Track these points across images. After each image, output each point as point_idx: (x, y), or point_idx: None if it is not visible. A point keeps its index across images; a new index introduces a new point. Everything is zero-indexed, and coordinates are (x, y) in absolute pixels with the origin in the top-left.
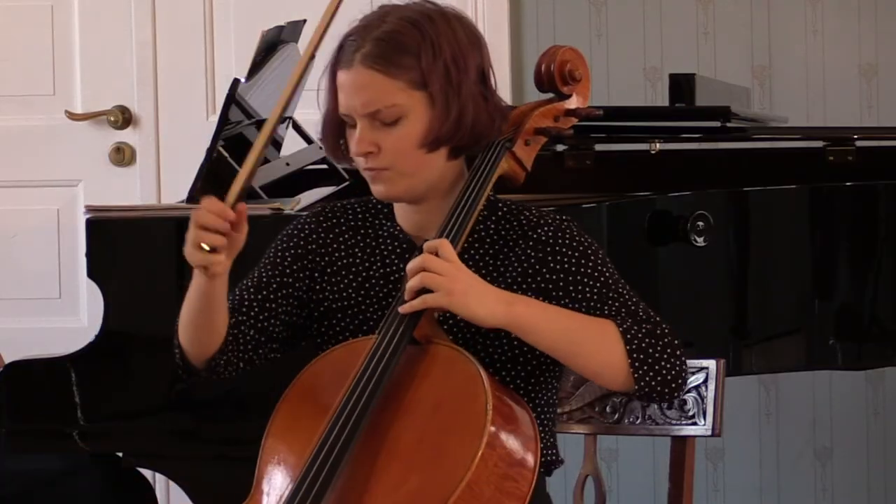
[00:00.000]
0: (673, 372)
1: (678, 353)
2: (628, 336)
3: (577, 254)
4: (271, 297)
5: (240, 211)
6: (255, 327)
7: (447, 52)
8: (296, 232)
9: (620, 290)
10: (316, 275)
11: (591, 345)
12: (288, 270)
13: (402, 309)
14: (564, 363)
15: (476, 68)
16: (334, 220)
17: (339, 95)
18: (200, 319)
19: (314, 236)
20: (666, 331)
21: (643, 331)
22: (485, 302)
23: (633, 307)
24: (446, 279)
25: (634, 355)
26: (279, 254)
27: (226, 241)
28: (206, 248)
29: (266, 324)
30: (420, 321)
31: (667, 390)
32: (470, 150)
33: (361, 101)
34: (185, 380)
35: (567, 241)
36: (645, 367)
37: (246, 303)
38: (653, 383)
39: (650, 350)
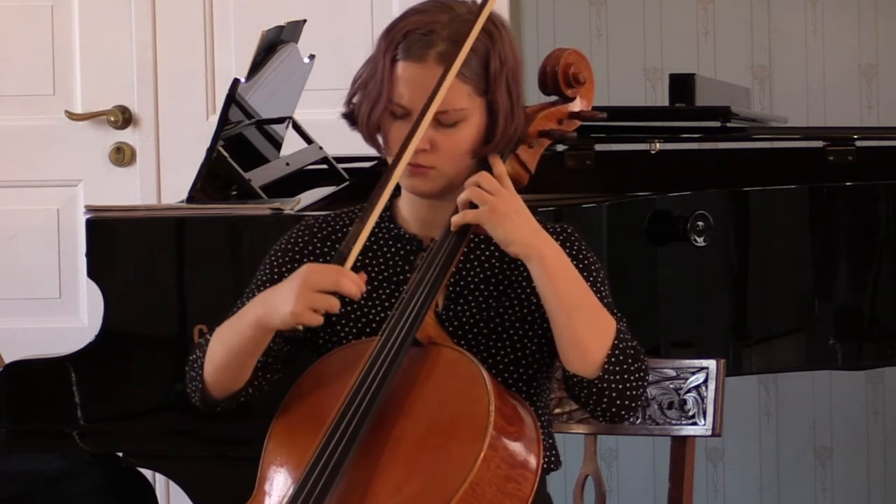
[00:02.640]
0: (633, 392)
1: (644, 384)
2: (621, 336)
3: (580, 266)
4: None
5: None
6: (263, 354)
7: (510, 64)
8: (289, 246)
9: (615, 311)
10: None
11: (588, 318)
12: None
13: (453, 220)
14: (553, 320)
15: (522, 81)
16: (329, 229)
17: (398, 86)
18: (241, 365)
19: (310, 248)
20: (646, 361)
21: (633, 344)
22: (519, 229)
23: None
24: (493, 197)
25: (616, 353)
26: (275, 270)
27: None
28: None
29: (273, 345)
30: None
31: (617, 402)
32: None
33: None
34: (200, 408)
35: (574, 253)
36: (616, 369)
37: None
38: (612, 385)
39: (629, 361)
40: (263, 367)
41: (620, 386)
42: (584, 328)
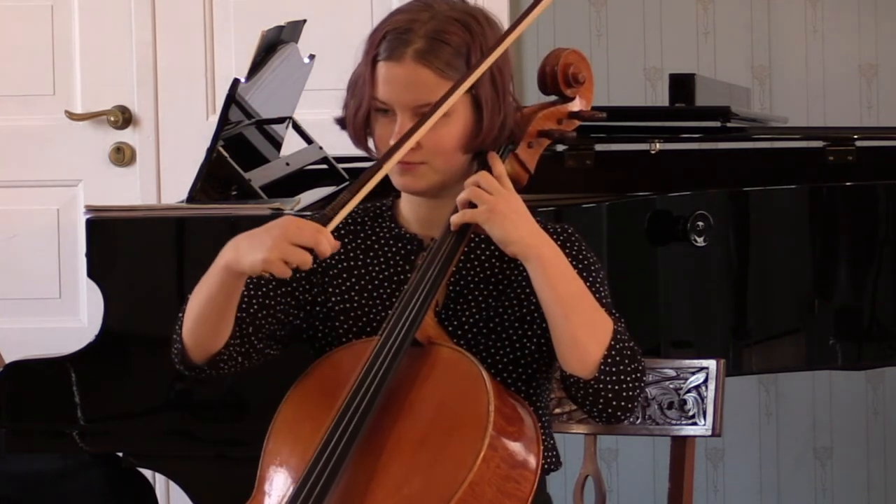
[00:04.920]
0: (630, 393)
1: (641, 385)
2: (618, 337)
3: (580, 266)
4: (270, 294)
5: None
6: (253, 324)
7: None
8: None
9: (613, 311)
10: (314, 278)
11: (586, 319)
12: None
13: (452, 220)
14: (551, 320)
15: (510, 75)
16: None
17: (379, 86)
18: (216, 316)
19: None
20: (643, 362)
21: (630, 345)
22: (518, 229)
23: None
24: (493, 197)
25: (613, 353)
26: None
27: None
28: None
29: (265, 321)
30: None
31: (614, 402)
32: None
33: (411, 96)
34: (185, 375)
35: (573, 254)
36: (613, 370)
37: (246, 299)
38: (609, 385)
39: (626, 361)
40: (252, 338)
41: (617, 387)
42: (582, 329)
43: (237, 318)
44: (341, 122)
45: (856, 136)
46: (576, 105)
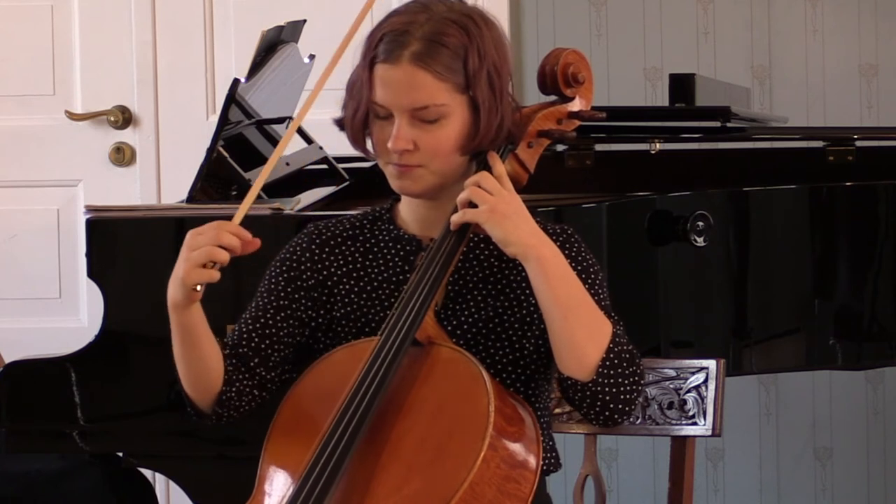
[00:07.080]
0: (627, 396)
1: (639, 388)
2: (617, 339)
3: (579, 268)
4: (270, 322)
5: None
6: (258, 356)
7: (490, 59)
8: (287, 255)
9: (612, 314)
10: (314, 293)
11: (584, 321)
12: (283, 294)
13: (452, 220)
14: (549, 321)
15: (509, 75)
16: (327, 234)
17: (377, 89)
18: (195, 356)
19: (307, 254)
20: (641, 365)
21: (628, 348)
22: (518, 230)
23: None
24: (493, 197)
25: (611, 356)
26: (273, 279)
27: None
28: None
29: (270, 350)
30: (436, 293)
31: (611, 405)
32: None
33: (409, 98)
34: (208, 424)
35: (573, 255)
36: (611, 372)
37: (245, 334)
38: (607, 388)
39: (625, 364)
40: (261, 370)
41: (614, 390)
42: (580, 331)
43: (240, 355)
44: (339, 124)
45: (856, 136)
46: (576, 105)
